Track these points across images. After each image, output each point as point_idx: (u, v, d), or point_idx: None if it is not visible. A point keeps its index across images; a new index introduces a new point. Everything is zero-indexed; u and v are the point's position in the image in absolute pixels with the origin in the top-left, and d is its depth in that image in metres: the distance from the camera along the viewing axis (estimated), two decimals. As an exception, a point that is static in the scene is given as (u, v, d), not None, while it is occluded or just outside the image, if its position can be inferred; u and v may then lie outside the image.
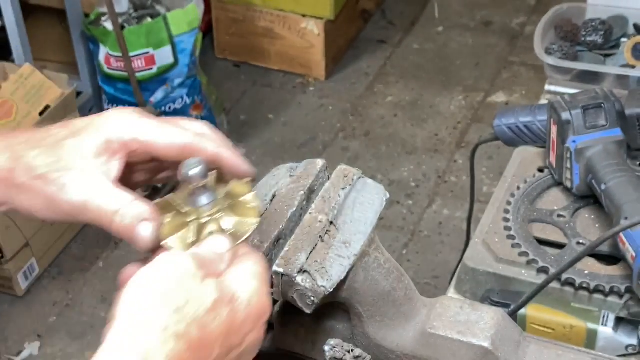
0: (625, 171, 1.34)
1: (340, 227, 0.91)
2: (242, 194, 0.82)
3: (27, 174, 0.81)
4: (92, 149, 0.82)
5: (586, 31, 1.83)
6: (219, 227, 0.80)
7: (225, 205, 0.81)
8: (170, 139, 0.83)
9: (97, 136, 0.82)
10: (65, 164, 0.81)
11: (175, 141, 0.83)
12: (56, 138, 0.83)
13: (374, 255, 0.93)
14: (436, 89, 3.67)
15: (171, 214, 0.82)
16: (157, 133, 0.83)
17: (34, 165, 0.81)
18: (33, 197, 0.82)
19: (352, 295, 0.92)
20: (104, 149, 0.82)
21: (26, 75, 2.86)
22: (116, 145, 0.82)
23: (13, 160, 0.82)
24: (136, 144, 0.83)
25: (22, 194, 0.82)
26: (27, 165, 0.82)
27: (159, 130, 0.83)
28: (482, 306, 0.96)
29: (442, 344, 0.93)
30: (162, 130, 0.83)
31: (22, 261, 2.86)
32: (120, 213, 0.80)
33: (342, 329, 0.98)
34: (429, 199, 3.19)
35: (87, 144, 0.82)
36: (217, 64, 3.82)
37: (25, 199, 0.82)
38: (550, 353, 0.97)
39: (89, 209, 0.80)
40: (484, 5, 4.12)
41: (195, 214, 0.81)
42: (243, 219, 0.81)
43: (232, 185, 0.84)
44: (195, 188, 0.80)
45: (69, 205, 0.81)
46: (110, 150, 0.82)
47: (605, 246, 1.31)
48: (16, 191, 0.82)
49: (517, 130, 1.54)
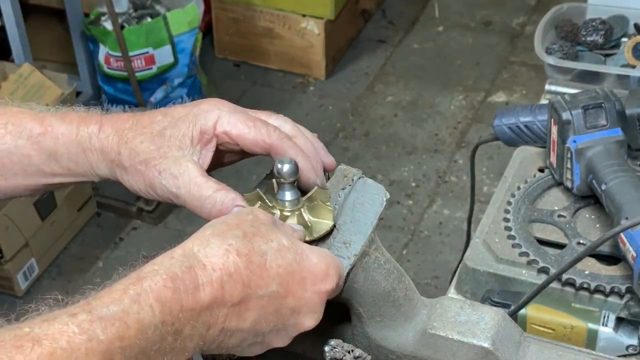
0: (626, 171, 1.34)
1: (340, 227, 0.91)
2: (321, 200, 0.91)
3: (132, 158, 0.91)
4: (188, 139, 0.91)
5: (586, 31, 1.82)
6: (300, 221, 0.89)
7: (306, 205, 0.90)
8: (258, 138, 0.92)
9: (193, 127, 0.91)
10: (164, 152, 0.90)
11: (261, 140, 0.91)
12: (158, 127, 0.92)
13: (374, 256, 0.92)
14: (436, 88, 3.67)
15: (257, 205, 0.90)
16: (246, 130, 0.92)
17: (138, 150, 0.91)
18: (136, 179, 0.92)
19: (352, 295, 0.92)
20: (198, 140, 0.91)
21: (26, 75, 2.86)
22: (209, 137, 0.92)
23: (122, 144, 0.92)
24: (227, 136, 0.92)
25: (127, 174, 0.92)
26: (132, 150, 0.91)
27: (248, 127, 0.92)
28: (482, 306, 0.96)
29: (443, 344, 0.93)
30: (251, 128, 0.92)
31: (22, 261, 2.86)
32: (213, 197, 0.88)
33: (342, 329, 0.98)
34: (429, 199, 3.19)
35: (184, 135, 0.91)
36: (217, 63, 3.82)
37: (130, 179, 0.92)
38: (551, 353, 0.96)
39: (182, 194, 0.89)
40: (484, 5, 4.12)
41: (279, 207, 0.90)
42: (320, 220, 0.90)
43: (314, 191, 0.92)
44: (284, 184, 0.89)
45: (164, 190, 0.90)
46: (204, 141, 0.91)
47: (606, 246, 1.30)
48: (122, 171, 0.92)
49: (517, 130, 1.54)
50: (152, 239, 3.07)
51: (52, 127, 0.94)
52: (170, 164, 0.90)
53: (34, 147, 0.95)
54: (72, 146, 0.94)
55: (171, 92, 3.27)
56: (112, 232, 3.11)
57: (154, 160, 0.90)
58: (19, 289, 2.87)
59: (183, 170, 0.89)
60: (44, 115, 0.95)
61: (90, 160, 0.94)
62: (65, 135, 0.94)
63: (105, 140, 0.93)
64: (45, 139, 0.94)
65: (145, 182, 0.91)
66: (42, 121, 0.95)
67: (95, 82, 3.33)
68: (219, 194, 0.88)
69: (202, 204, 0.89)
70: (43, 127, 0.94)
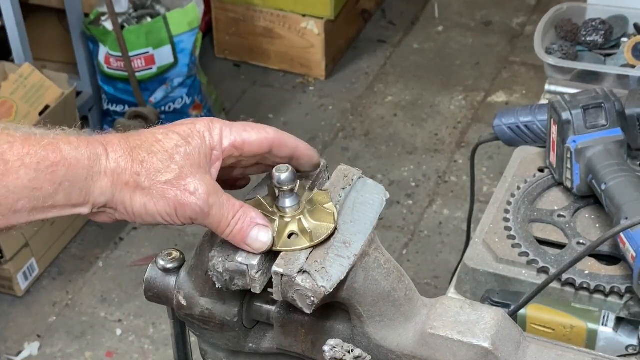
0: (626, 171, 1.34)
1: (340, 227, 0.91)
2: (322, 202, 0.92)
3: (154, 178, 0.88)
4: (204, 156, 0.90)
5: (586, 31, 1.83)
6: (300, 227, 0.89)
7: (307, 209, 0.91)
8: (261, 137, 0.93)
9: (204, 145, 0.91)
10: (189, 171, 0.88)
11: (264, 139, 0.93)
12: (169, 144, 0.89)
13: (374, 255, 0.92)
14: (436, 88, 3.67)
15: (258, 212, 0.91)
16: (247, 135, 0.93)
17: (159, 169, 0.88)
18: (159, 200, 0.88)
19: (352, 295, 0.92)
20: (210, 157, 0.91)
21: (26, 74, 2.86)
22: (219, 153, 0.92)
23: (137, 164, 0.88)
24: (234, 148, 0.92)
25: (146, 196, 0.88)
26: (152, 169, 0.88)
27: (248, 132, 0.93)
28: (482, 306, 0.96)
29: (442, 344, 0.93)
30: (251, 132, 0.93)
31: (22, 261, 2.86)
32: (236, 216, 0.89)
33: (342, 329, 0.98)
34: (429, 199, 3.19)
35: (199, 152, 0.90)
36: (217, 63, 3.82)
37: (148, 201, 0.88)
38: (551, 353, 0.96)
39: (213, 214, 0.89)
40: (484, 5, 4.12)
41: (280, 213, 0.91)
42: (321, 223, 0.90)
43: (315, 193, 0.93)
44: (283, 191, 0.90)
45: (195, 211, 0.88)
46: (215, 158, 0.92)
47: (606, 246, 1.31)
48: (140, 194, 0.88)
49: (517, 130, 1.54)
50: (152, 239, 3.07)
51: (66, 153, 0.86)
52: (198, 184, 0.88)
53: (48, 178, 0.85)
54: (83, 172, 0.86)
55: (171, 92, 3.27)
56: (112, 232, 3.11)
57: (181, 179, 0.88)
58: (19, 289, 2.87)
59: (212, 188, 0.89)
60: (54, 140, 0.87)
61: (97, 185, 0.87)
62: (78, 160, 0.86)
63: (119, 160, 0.88)
64: (59, 167, 0.85)
65: (171, 204, 0.88)
66: (54, 147, 0.86)
67: (95, 82, 3.33)
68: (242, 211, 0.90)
69: (229, 221, 0.89)
70: (56, 153, 0.85)
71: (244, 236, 0.89)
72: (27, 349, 2.73)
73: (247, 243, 0.89)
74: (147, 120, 3.17)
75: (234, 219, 0.89)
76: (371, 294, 0.93)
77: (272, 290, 0.89)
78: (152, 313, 2.80)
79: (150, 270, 1.01)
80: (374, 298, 0.93)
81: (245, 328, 1.00)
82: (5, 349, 2.74)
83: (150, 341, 2.75)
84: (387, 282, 0.93)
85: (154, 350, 2.72)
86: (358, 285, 0.92)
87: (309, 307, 0.88)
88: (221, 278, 0.90)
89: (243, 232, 0.89)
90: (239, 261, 0.89)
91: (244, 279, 0.89)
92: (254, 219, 0.90)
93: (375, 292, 0.93)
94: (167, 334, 2.42)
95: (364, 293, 0.92)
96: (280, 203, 0.91)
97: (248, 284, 0.89)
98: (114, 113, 3.32)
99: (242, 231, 0.89)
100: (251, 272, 0.89)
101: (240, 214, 0.89)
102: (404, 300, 0.95)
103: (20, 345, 2.75)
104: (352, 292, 0.92)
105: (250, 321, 1.00)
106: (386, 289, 0.93)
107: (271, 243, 0.89)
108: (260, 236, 0.89)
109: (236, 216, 0.89)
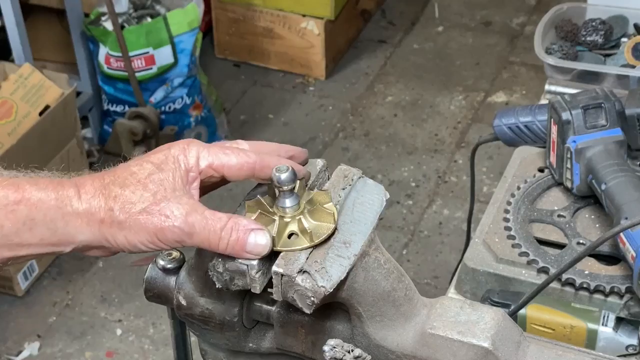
0: (626, 171, 1.34)
1: (340, 227, 0.91)
2: (322, 202, 0.92)
3: (127, 211, 0.88)
4: (179, 179, 0.91)
5: (586, 31, 1.83)
6: (300, 227, 0.89)
7: (306, 209, 0.91)
8: (241, 161, 0.93)
9: (179, 168, 0.91)
10: (163, 196, 0.89)
11: (244, 162, 0.93)
12: (142, 174, 0.90)
13: (374, 255, 0.92)
14: (436, 88, 3.67)
15: (257, 212, 0.92)
16: (227, 158, 0.93)
17: (133, 200, 0.88)
18: (137, 231, 0.88)
19: (352, 295, 0.92)
20: (187, 179, 0.91)
21: (26, 75, 2.86)
22: (195, 174, 0.92)
23: (110, 200, 0.89)
24: (211, 169, 0.92)
25: (123, 230, 0.89)
26: (125, 202, 0.88)
27: (228, 155, 0.93)
28: (482, 306, 0.96)
29: (442, 344, 0.93)
30: (230, 155, 0.93)
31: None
32: (227, 228, 0.88)
33: (342, 329, 0.98)
34: (429, 199, 3.19)
35: (173, 177, 0.90)
36: (217, 63, 3.82)
37: (127, 234, 0.89)
38: (551, 353, 0.96)
39: (196, 231, 0.88)
40: (484, 5, 4.12)
41: (280, 213, 0.90)
42: (321, 223, 0.90)
43: (314, 193, 0.93)
44: (283, 191, 0.90)
45: (175, 233, 0.88)
46: (192, 179, 0.92)
47: (606, 246, 1.31)
48: (116, 229, 0.89)
49: (517, 130, 1.54)
50: (152, 239, 3.07)
51: (28, 193, 0.88)
52: (174, 206, 0.88)
53: (8, 217, 0.87)
54: (50, 212, 0.88)
55: (171, 92, 3.27)
56: (112, 232, 3.10)
57: (155, 205, 0.88)
58: (19, 289, 2.87)
59: (190, 208, 0.88)
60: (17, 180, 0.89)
61: (71, 226, 0.89)
62: (43, 201, 0.88)
63: (91, 200, 0.89)
64: (20, 206, 0.87)
65: (150, 232, 0.88)
66: (17, 187, 0.88)
67: (95, 82, 3.33)
68: (231, 222, 0.89)
69: (219, 235, 0.88)
70: (18, 193, 0.88)
71: (242, 245, 0.88)
72: (27, 349, 2.73)
73: (248, 250, 0.88)
74: (148, 120, 3.18)
75: (225, 231, 0.88)
76: (371, 294, 0.93)
77: (272, 290, 0.89)
78: (152, 313, 2.80)
79: (150, 270, 1.01)
80: (374, 298, 0.93)
81: (245, 328, 1.00)
82: (5, 349, 2.74)
83: (150, 341, 2.75)
84: (387, 282, 0.93)
85: (154, 350, 2.73)
86: (358, 285, 0.92)
87: (309, 307, 0.88)
88: (221, 278, 0.90)
89: (240, 241, 0.88)
90: (239, 261, 0.89)
91: (244, 279, 0.89)
92: (247, 226, 0.89)
93: (375, 292, 0.93)
94: (167, 334, 2.42)
95: (364, 293, 0.92)
96: (280, 203, 0.91)
97: (248, 284, 0.89)
98: (114, 113, 3.32)
99: (239, 241, 0.88)
100: (251, 272, 0.89)
101: (231, 225, 0.88)
102: (404, 300, 0.95)
103: (20, 345, 2.75)
104: (352, 292, 0.92)
105: (250, 321, 1.00)
106: (386, 289, 0.93)
107: (271, 244, 0.89)
108: (259, 240, 0.89)
109: (227, 227, 0.88)
